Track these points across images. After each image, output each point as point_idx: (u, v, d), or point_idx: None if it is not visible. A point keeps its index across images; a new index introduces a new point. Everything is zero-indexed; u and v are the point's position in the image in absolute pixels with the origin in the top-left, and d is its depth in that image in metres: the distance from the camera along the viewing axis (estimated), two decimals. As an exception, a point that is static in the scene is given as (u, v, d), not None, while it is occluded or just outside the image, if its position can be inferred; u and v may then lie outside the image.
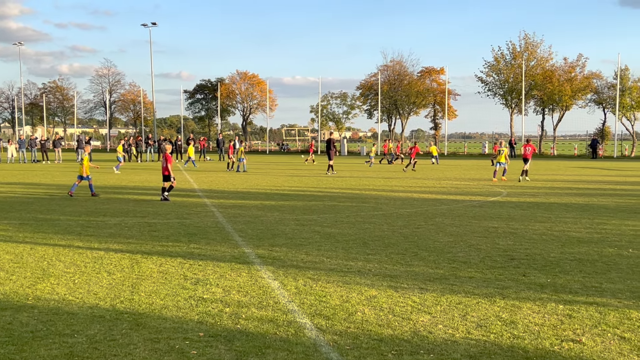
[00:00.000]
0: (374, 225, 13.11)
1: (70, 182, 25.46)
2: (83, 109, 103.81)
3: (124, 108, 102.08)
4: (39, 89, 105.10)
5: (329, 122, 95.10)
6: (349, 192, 21.07)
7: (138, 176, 29.46)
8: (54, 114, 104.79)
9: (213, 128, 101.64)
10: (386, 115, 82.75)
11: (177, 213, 15.25)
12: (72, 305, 7.05)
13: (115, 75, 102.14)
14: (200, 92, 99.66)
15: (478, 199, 18.88)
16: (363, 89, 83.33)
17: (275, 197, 19.21)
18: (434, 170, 35.97)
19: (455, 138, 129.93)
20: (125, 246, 10.74)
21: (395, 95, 78.27)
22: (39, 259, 9.61)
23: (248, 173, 32.00)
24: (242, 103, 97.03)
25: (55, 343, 5.76)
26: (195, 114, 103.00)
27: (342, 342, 5.80)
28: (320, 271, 8.77)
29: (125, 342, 5.77)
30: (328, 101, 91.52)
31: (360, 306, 6.99)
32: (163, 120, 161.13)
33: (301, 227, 12.93)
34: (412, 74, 79.98)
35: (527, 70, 65.18)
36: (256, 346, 5.67)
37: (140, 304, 7.08)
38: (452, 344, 5.77)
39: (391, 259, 9.66)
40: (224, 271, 8.79)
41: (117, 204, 17.23)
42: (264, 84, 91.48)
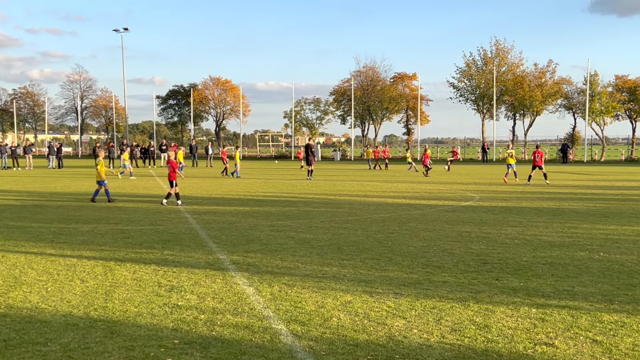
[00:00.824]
0: (348, 231, 13.17)
1: (41, 189, 25.17)
2: (54, 115, 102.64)
3: (96, 114, 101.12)
4: (9, 94, 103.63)
5: (302, 127, 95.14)
6: (323, 198, 21.12)
7: (110, 182, 29.16)
8: (25, 120, 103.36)
9: (186, 134, 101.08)
10: (359, 121, 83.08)
11: (150, 219, 15.15)
12: (45, 313, 6.98)
13: (86, 81, 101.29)
14: (173, 97, 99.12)
15: (451, 203, 19.04)
16: (336, 95, 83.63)
17: (250, 203, 19.18)
18: (407, 175, 36.18)
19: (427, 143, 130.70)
20: (98, 253, 10.64)
21: (369, 100, 78.70)
22: (11, 267, 9.49)
23: (222, 178, 31.90)
24: (215, 109, 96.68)
25: (29, 352, 5.70)
26: (168, 119, 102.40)
27: (318, 347, 5.82)
28: (295, 277, 8.78)
29: (100, 350, 5.72)
30: (302, 107, 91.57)
31: (335, 312, 7.02)
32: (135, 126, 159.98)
33: (276, 232, 12.93)
34: (385, 79, 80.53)
35: (498, 76, 66.01)
36: (232, 353, 5.67)
37: (114, 312, 7.03)
38: (427, 348, 5.83)
39: (366, 264, 9.70)
40: (199, 278, 8.76)
41: (89, 211, 17.06)
42: (237, 89, 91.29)
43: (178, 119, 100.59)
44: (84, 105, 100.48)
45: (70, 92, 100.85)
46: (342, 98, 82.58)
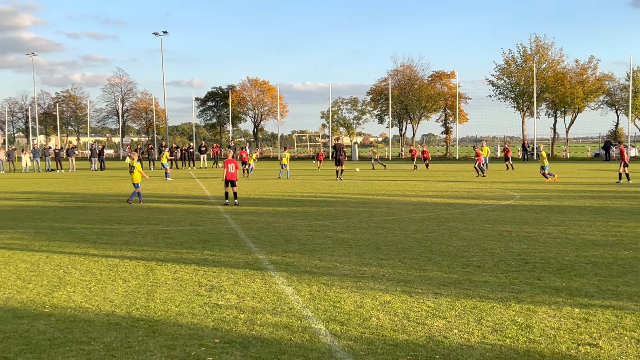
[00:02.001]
0: (386, 230, 13.11)
1: (83, 191, 25.66)
2: (96, 117, 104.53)
3: (136, 116, 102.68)
4: (52, 98, 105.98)
5: (339, 127, 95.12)
6: (361, 197, 21.08)
7: (151, 184, 29.61)
8: (67, 123, 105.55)
9: (225, 135, 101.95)
10: (397, 120, 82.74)
11: (190, 220, 15.32)
12: (89, 312, 7.11)
13: (127, 84, 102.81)
14: (212, 99, 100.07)
15: (491, 202, 18.82)
16: (373, 94, 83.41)
17: (288, 203, 19.24)
18: (446, 173, 35.88)
19: (466, 142, 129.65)
20: (140, 254, 10.80)
21: (406, 99, 78.28)
22: (55, 267, 9.69)
23: (259, 179, 32.08)
24: (253, 110, 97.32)
25: (73, 351, 5.81)
26: (206, 121, 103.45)
27: (357, 347, 5.81)
28: (334, 277, 8.78)
29: (142, 349, 5.81)
30: (339, 107, 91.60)
31: (374, 311, 7.00)
32: (175, 128, 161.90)
33: (314, 232, 12.96)
34: (423, 78, 79.99)
35: (538, 73, 64.97)
36: (272, 352, 5.69)
37: (155, 311, 7.12)
38: (467, 348, 5.77)
39: (405, 264, 9.66)
40: (238, 277, 8.82)
41: (130, 212, 17.33)
42: (274, 90, 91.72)
43: (217, 121, 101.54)
44: (125, 108, 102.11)
45: (111, 95, 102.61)
46: (379, 97, 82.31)
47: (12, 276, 9.10)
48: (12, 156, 49.16)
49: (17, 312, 7.18)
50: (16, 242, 12.33)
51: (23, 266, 9.82)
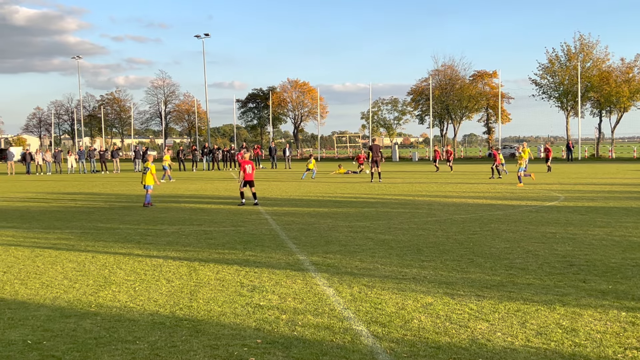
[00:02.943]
0: (428, 232, 13.03)
1: (127, 192, 26.11)
2: (139, 119, 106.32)
3: (179, 118, 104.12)
4: (97, 101, 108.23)
5: (380, 128, 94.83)
6: (401, 199, 20.98)
7: (193, 185, 29.99)
8: (112, 125, 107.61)
9: (265, 136, 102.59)
10: (438, 120, 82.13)
11: (232, 221, 15.46)
12: (134, 312, 7.24)
13: (170, 87, 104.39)
14: (253, 100, 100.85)
15: (534, 203, 18.54)
16: (414, 94, 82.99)
17: (328, 204, 19.27)
18: (488, 174, 35.47)
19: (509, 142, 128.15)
20: (183, 254, 10.95)
21: (447, 99, 77.67)
22: (101, 267, 9.89)
23: (301, 180, 32.19)
24: (293, 111, 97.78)
25: (118, 350, 5.92)
26: (247, 122, 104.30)
27: (399, 349, 5.79)
28: (375, 278, 8.76)
29: (186, 349, 5.88)
30: (379, 107, 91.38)
31: (416, 313, 6.96)
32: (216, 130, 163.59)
33: (354, 233, 12.95)
34: (464, 78, 79.33)
35: (582, 72, 63.76)
36: (313, 353, 5.71)
37: (199, 311, 7.21)
38: (511, 352, 5.70)
39: (446, 265, 9.58)
40: (280, 278, 8.87)
41: (173, 213, 17.57)
42: (314, 91, 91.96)
43: (257, 122, 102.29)
44: (168, 110, 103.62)
45: (154, 97, 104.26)
46: (420, 98, 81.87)
47: (59, 276, 9.31)
48: (59, 158, 50.31)
49: (64, 311, 7.35)
50: (63, 242, 12.62)
51: (70, 266, 10.04)
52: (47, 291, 8.35)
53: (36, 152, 49.86)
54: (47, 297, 8.01)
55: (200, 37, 76.76)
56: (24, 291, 8.38)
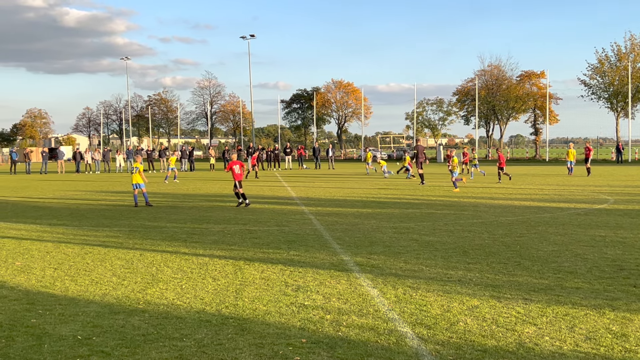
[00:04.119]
0: (473, 234, 12.88)
1: (174, 191, 26.49)
2: (186, 120, 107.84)
3: (224, 118, 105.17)
4: (144, 101, 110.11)
5: (424, 128, 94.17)
6: (446, 200, 20.79)
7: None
8: (159, 125, 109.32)
9: (309, 137, 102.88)
10: (484, 121, 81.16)
11: (276, 220, 15.55)
12: (181, 309, 7.34)
13: (215, 87, 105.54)
14: (297, 101, 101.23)
15: (583, 206, 18.16)
16: (460, 95, 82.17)
17: (372, 205, 19.22)
18: (535, 176, 34.89)
19: (556, 143, 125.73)
20: (228, 253, 11.06)
21: (493, 100, 76.67)
22: (148, 265, 10.06)
23: (343, 180, 32.17)
24: (337, 111, 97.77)
25: (166, 346, 6.01)
26: (291, 123, 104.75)
27: (444, 352, 5.74)
28: (419, 280, 8.71)
29: (232, 347, 5.94)
30: (423, 108, 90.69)
31: (462, 316, 6.89)
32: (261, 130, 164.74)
33: (399, 235, 12.88)
34: (511, 78, 78.18)
35: (633, 72, 62.14)
36: (358, 354, 5.70)
37: (244, 310, 7.28)
38: (559, 356, 5.59)
39: (493, 268, 9.46)
40: (324, 278, 8.88)
41: (219, 212, 17.76)
42: (358, 92, 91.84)
43: (301, 122, 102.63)
44: (214, 110, 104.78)
45: (200, 97, 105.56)
46: (465, 98, 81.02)
47: (108, 273, 9.51)
48: (107, 157, 51.35)
49: (113, 307, 7.50)
50: (112, 240, 12.87)
51: (118, 263, 10.24)
52: (97, 288, 8.53)
53: (85, 152, 50.97)
54: (96, 294, 8.19)
55: (245, 38, 77.40)
56: (74, 287, 8.58)
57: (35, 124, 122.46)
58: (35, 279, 9.15)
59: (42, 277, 9.23)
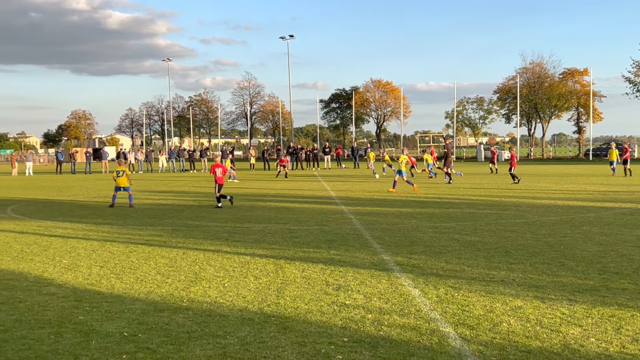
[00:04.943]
0: (516, 234, 12.73)
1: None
2: (226, 120, 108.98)
3: (264, 118, 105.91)
4: (185, 102, 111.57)
5: (464, 127, 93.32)
6: (487, 199, 20.58)
7: (278, 184, 30.41)
8: (200, 126, 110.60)
9: (347, 136, 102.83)
10: (525, 120, 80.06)
11: (316, 220, 15.60)
12: (223, 307, 7.43)
13: (255, 87, 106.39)
14: (335, 101, 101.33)
15: (629, 206, 17.79)
16: (501, 93, 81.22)
17: (412, 205, 19.13)
18: (578, 176, 34.29)
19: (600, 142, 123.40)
20: (269, 251, 11.15)
21: (535, 98, 75.57)
22: (191, 263, 10.20)
23: (382, 180, 32.08)
24: (376, 111, 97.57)
25: (210, 344, 6.09)
26: (330, 122, 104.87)
27: (488, 352, 5.70)
28: (461, 280, 8.65)
29: (274, 345, 6.00)
30: (464, 106, 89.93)
31: (505, 317, 6.83)
32: (300, 130, 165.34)
33: (439, 234, 12.81)
34: (553, 75, 76.99)
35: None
36: (400, 353, 5.70)
37: (285, 308, 7.33)
38: (605, 358, 5.51)
39: (536, 268, 9.34)
40: (364, 278, 8.89)
41: (259, 211, 17.90)
42: (398, 91, 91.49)
43: (340, 122, 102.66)
44: (253, 111, 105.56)
45: (240, 98, 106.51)
46: (506, 96, 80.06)
47: (152, 271, 9.67)
48: (150, 157, 52.13)
49: (157, 305, 7.63)
50: (155, 238, 13.08)
51: (162, 262, 10.41)
52: (141, 285, 8.69)
53: (129, 152, 51.84)
54: (141, 291, 8.34)
55: (285, 38, 77.80)
56: (120, 285, 8.75)
57: (79, 124, 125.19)
58: (82, 276, 9.36)
59: (88, 275, 9.44)
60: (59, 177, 43.06)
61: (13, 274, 9.65)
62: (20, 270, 9.88)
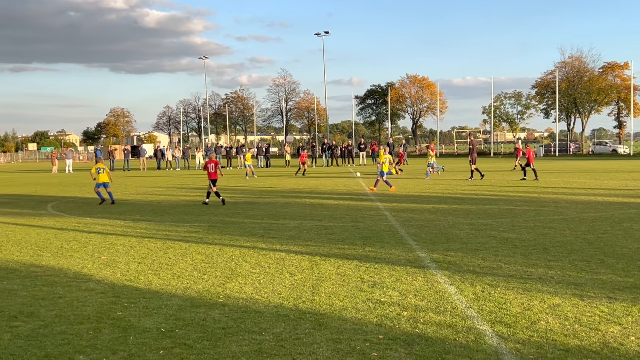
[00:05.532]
0: (554, 231, 12.54)
1: (251, 187, 26.93)
2: (261, 117, 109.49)
3: (299, 115, 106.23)
4: (221, 99, 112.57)
5: (502, 122, 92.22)
6: (525, 196, 20.31)
7: (313, 181, 30.46)
8: (236, 123, 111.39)
9: (383, 132, 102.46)
10: (564, 114, 78.79)
11: (351, 216, 15.59)
12: (259, 304, 7.47)
13: (290, 84, 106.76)
14: (371, 97, 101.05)
15: (672, 202, 17.37)
16: (539, 88, 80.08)
17: (448, 201, 18.98)
18: (618, 172, 33.62)
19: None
20: (304, 248, 11.18)
21: (575, 92, 74.31)
22: (227, 260, 10.28)
23: (417, 176, 31.89)
24: (412, 106, 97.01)
25: (245, 340, 6.14)
26: (365, 118, 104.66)
27: (525, 351, 5.63)
28: (498, 277, 8.55)
29: (309, 341, 6.01)
30: (501, 101, 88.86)
31: (543, 314, 6.74)
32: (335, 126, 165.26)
33: (476, 231, 12.69)
34: (593, 70, 75.62)
35: None
36: (436, 351, 5.67)
37: (321, 305, 7.34)
38: (647, 358, 5.39)
39: (575, 266, 9.19)
40: (400, 275, 8.85)
41: (295, 208, 17.95)
42: (434, 86, 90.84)
43: (375, 118, 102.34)
44: (288, 107, 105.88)
45: (275, 95, 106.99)
46: (545, 91, 78.91)
47: (189, 267, 9.77)
48: (187, 154, 52.72)
49: (194, 301, 7.71)
50: (192, 235, 13.22)
51: (199, 258, 10.51)
52: (178, 282, 8.79)
53: (166, 149, 52.47)
54: (178, 287, 8.44)
55: (320, 34, 77.86)
56: (157, 281, 8.86)
57: (118, 122, 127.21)
58: (120, 272, 9.51)
59: (126, 271, 9.59)
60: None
61: (53, 269, 9.85)
62: (60, 266, 10.08)
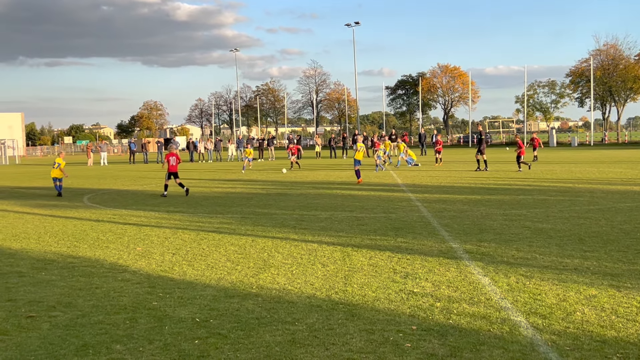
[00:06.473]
0: (590, 221, 12.36)
1: (282, 179, 27.01)
2: (292, 109, 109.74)
3: (329, 107, 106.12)
4: (252, 91, 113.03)
5: (535, 112, 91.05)
6: (560, 186, 20.03)
7: (345, 172, 30.44)
8: (267, 115, 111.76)
9: (414, 123, 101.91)
10: (599, 103, 77.45)
11: (383, 207, 15.55)
12: (292, 294, 7.51)
13: (321, 76, 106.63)
14: (402, 87, 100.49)
15: None
16: (573, 76, 78.83)
17: (481, 192, 18.81)
18: None
19: None
20: (336, 239, 11.18)
21: (610, 81, 72.97)
22: (260, 251, 10.34)
23: (450, 167, 31.66)
24: (443, 96, 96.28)
25: (279, 330, 6.17)
26: (396, 109, 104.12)
27: (561, 342, 5.57)
28: (533, 268, 8.46)
29: (342, 332, 6.02)
30: (534, 90, 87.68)
31: (579, 305, 6.65)
32: (365, 117, 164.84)
33: (510, 222, 12.56)
34: (629, 57, 74.15)
35: None
36: (470, 342, 5.63)
37: (353, 295, 7.35)
38: (687, 350, 5.29)
39: (611, 256, 9.04)
40: (432, 266, 8.81)
41: (326, 199, 17.96)
42: (465, 76, 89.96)
43: (406, 109, 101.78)
44: (319, 99, 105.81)
45: (306, 87, 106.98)
46: (579, 79, 77.65)
47: (222, 258, 9.85)
48: (219, 146, 53.08)
49: (228, 291, 7.77)
50: (225, 226, 13.32)
51: (232, 249, 10.59)
52: (212, 272, 8.87)
53: (199, 141, 52.90)
54: (212, 278, 8.52)
55: (350, 25, 77.50)
56: (191, 272, 8.95)
57: (151, 115, 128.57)
58: (155, 263, 9.63)
59: (161, 262, 9.70)
60: (132, 167, 44.34)
61: (90, 260, 10.01)
62: (97, 257, 10.25)
